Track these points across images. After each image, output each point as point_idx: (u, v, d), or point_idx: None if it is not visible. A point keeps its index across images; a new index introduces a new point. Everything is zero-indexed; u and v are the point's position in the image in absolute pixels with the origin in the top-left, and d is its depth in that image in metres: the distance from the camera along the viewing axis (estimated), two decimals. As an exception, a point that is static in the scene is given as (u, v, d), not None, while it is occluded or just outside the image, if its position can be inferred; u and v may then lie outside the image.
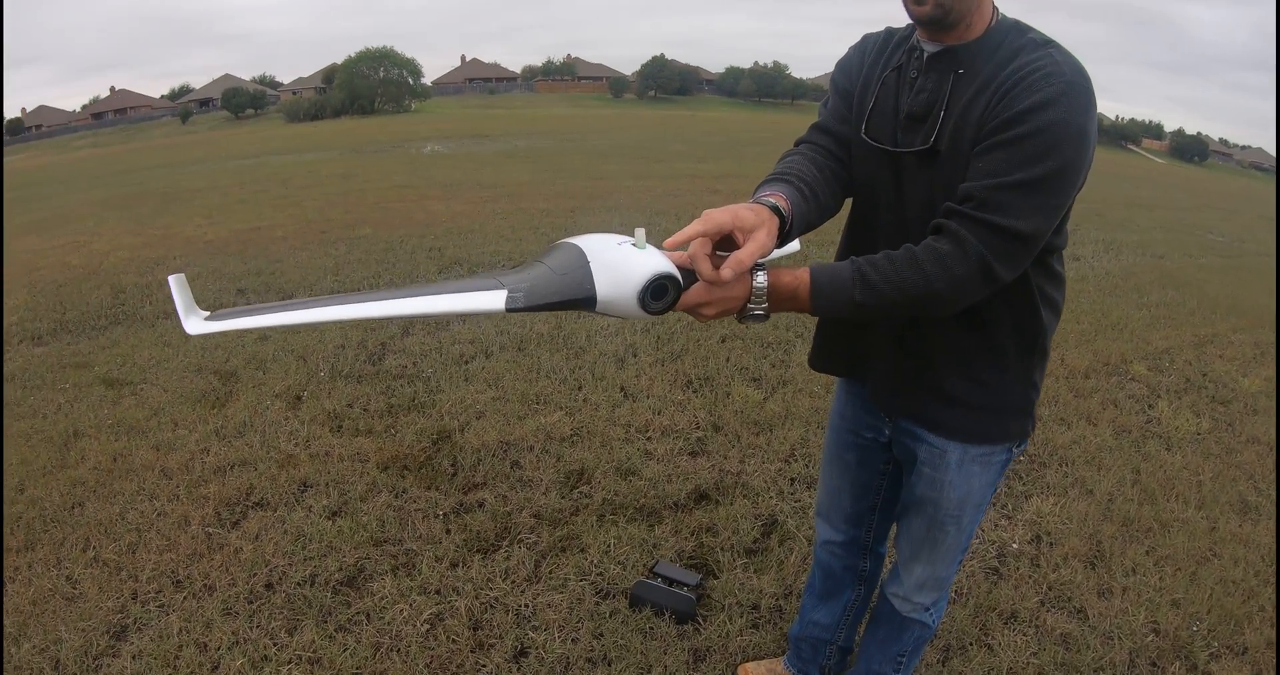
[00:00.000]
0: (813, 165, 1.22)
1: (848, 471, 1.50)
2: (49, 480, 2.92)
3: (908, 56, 1.16)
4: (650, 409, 3.17)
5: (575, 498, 2.55)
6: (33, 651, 1.98)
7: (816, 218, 1.19)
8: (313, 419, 3.30)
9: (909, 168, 1.15)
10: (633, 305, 0.84)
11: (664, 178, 11.41)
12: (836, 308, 1.04)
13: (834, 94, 1.29)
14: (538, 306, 0.87)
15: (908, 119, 1.14)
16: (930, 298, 1.02)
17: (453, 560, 2.24)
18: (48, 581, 2.25)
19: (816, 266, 1.05)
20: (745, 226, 1.00)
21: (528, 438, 2.95)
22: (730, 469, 2.73)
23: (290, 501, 2.63)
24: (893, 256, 1.03)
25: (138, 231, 8.94)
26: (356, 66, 51.54)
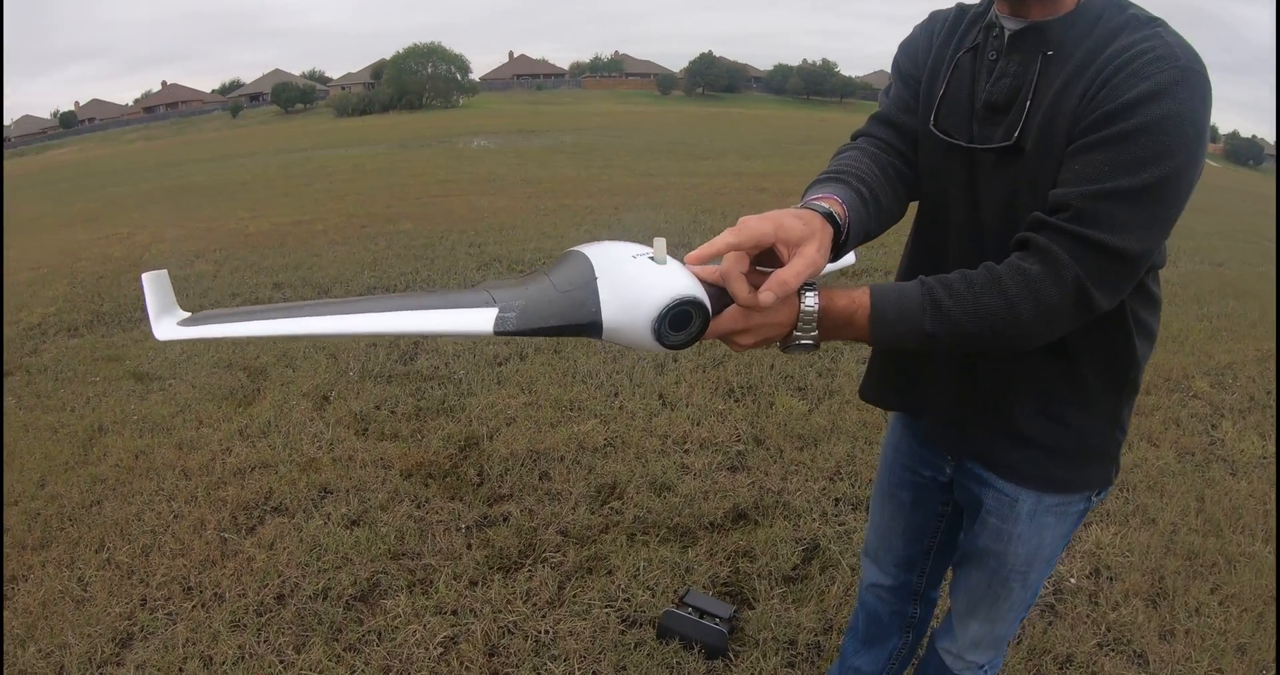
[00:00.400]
0: (873, 162, 1.08)
1: (901, 511, 1.37)
2: (70, 476, 2.96)
3: (985, 35, 1.01)
4: (689, 419, 3.09)
5: (605, 514, 2.48)
6: (38, 655, 1.98)
7: (877, 225, 1.04)
8: (338, 421, 3.30)
9: (986, 167, 1.01)
10: (646, 336, 0.71)
11: (710, 175, 11.32)
12: (901, 338, 0.89)
13: (897, 80, 1.14)
14: (532, 330, 0.74)
15: (986, 109, 1.00)
16: (1014, 330, 0.88)
17: (472, 578, 2.19)
18: (59, 583, 2.26)
19: (878, 288, 0.89)
20: (791, 238, 0.84)
21: (559, 447, 2.89)
22: (771, 487, 2.63)
23: (309, 508, 2.61)
24: (970, 277, 0.88)
25: (181, 224, 9.19)
26: (405, 62, 53.32)
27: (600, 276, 0.76)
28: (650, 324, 0.71)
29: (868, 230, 1.01)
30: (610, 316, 0.72)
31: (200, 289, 5.77)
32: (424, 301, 0.79)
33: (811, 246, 0.84)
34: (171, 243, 7.85)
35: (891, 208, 1.08)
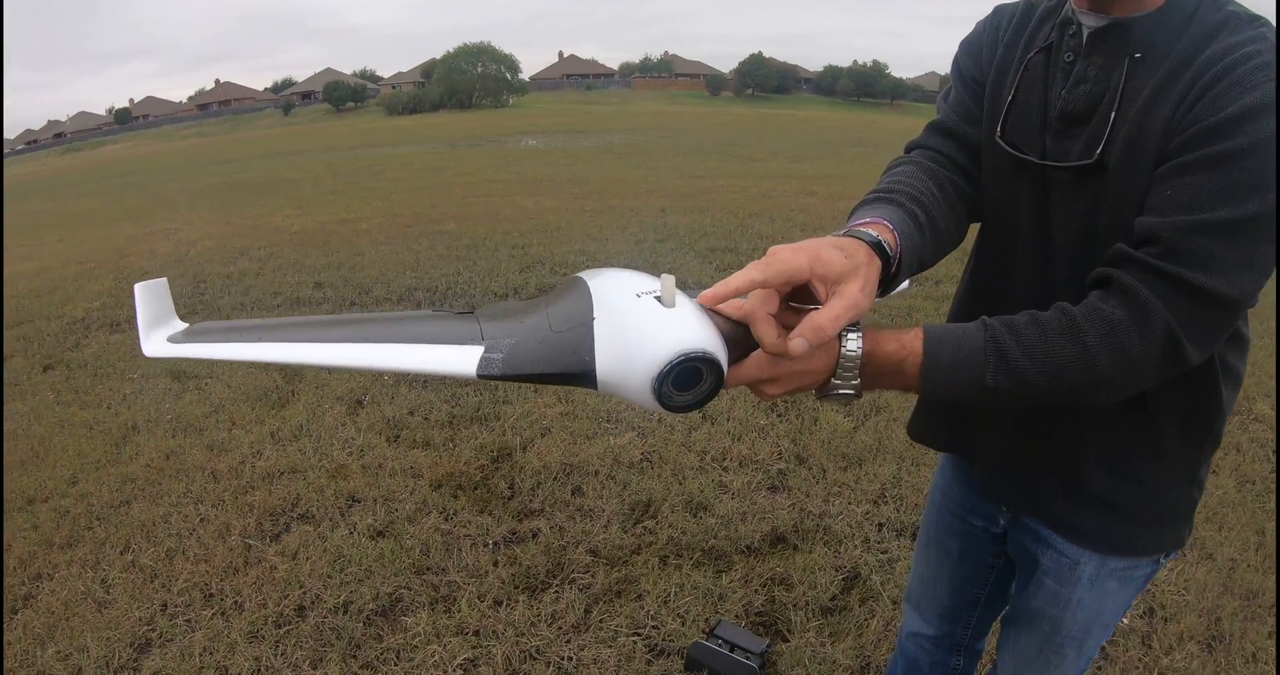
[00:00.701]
0: (930, 179, 0.97)
1: (948, 561, 1.28)
2: (101, 475, 3.03)
3: (1060, 34, 0.90)
4: (729, 434, 3.03)
5: (638, 533, 2.43)
6: (56, 657, 2.02)
7: (933, 252, 0.93)
8: (370, 426, 3.32)
9: (1062, 188, 0.90)
10: (645, 394, 0.61)
11: (760, 177, 11.24)
12: (957, 389, 0.78)
13: (957, 83, 1.04)
14: (517, 376, 0.67)
15: (1062, 120, 0.89)
16: (1091, 385, 0.77)
17: (496, 598, 2.16)
18: (82, 584, 2.30)
19: (933, 330, 0.78)
20: (829, 275, 0.72)
21: (593, 461, 2.85)
22: (812, 509, 2.56)
23: (335, 517, 2.62)
24: (1042, 322, 0.77)
25: (228, 221, 9.44)
26: (455, 61, 55.09)
27: (598, 317, 0.68)
28: (650, 382, 0.61)
29: (922, 259, 0.91)
30: (606, 368, 0.63)
31: (243, 286, 5.91)
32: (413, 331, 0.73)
33: (854, 285, 0.73)
34: (217, 239, 8.06)
35: (950, 232, 0.97)
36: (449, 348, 0.69)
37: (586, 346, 0.63)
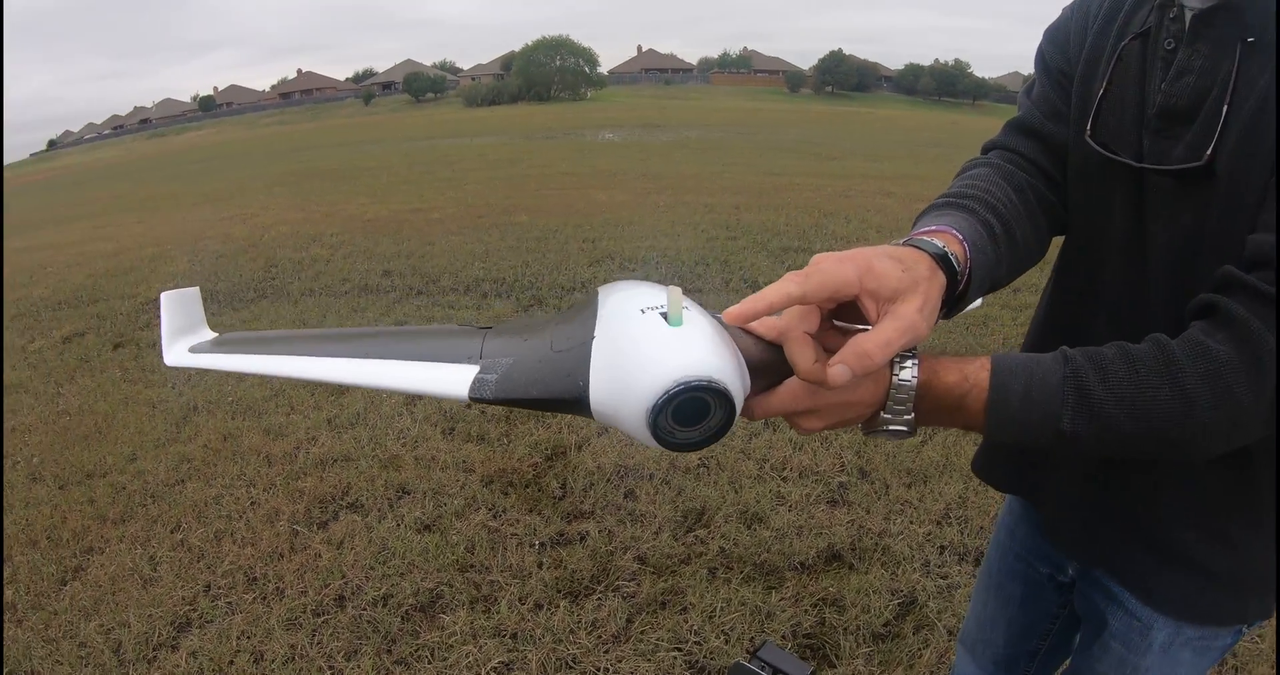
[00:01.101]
0: (1008, 184, 0.88)
1: (1008, 606, 1.19)
2: (160, 453, 3.15)
3: (1159, 17, 0.79)
4: (791, 443, 2.96)
5: (688, 543, 2.39)
6: (98, 630, 2.11)
7: (1008, 268, 0.83)
8: (426, 418, 3.37)
9: (1161, 194, 0.79)
10: (641, 428, 0.52)
11: (836, 177, 11.07)
12: (1029, 432, 0.68)
13: (1042, 76, 0.93)
14: (510, 400, 0.61)
15: (1162, 117, 0.78)
16: (1188, 435, 0.66)
17: (538, 601, 2.15)
18: (130, 560, 2.40)
19: (1003, 361, 0.69)
20: (883, 291, 0.63)
21: (648, 464, 2.82)
22: (871, 527, 2.47)
23: (384, 508, 2.66)
24: (1134, 356, 0.67)
25: (303, 207, 9.79)
26: (534, 54, 56.88)
27: (598, 336, 0.60)
28: (645, 414, 0.52)
29: (995, 277, 0.81)
30: (600, 395, 0.55)
31: (313, 272, 6.10)
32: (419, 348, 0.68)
33: (911, 304, 0.64)
34: (291, 225, 8.36)
35: (1029, 246, 0.87)
36: (446, 367, 0.65)
37: (582, 370, 0.56)
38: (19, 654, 2.07)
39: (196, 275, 6.33)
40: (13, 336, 5.21)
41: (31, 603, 2.27)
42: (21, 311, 5.83)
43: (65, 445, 3.32)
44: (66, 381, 4.17)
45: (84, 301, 5.92)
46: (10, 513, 2.79)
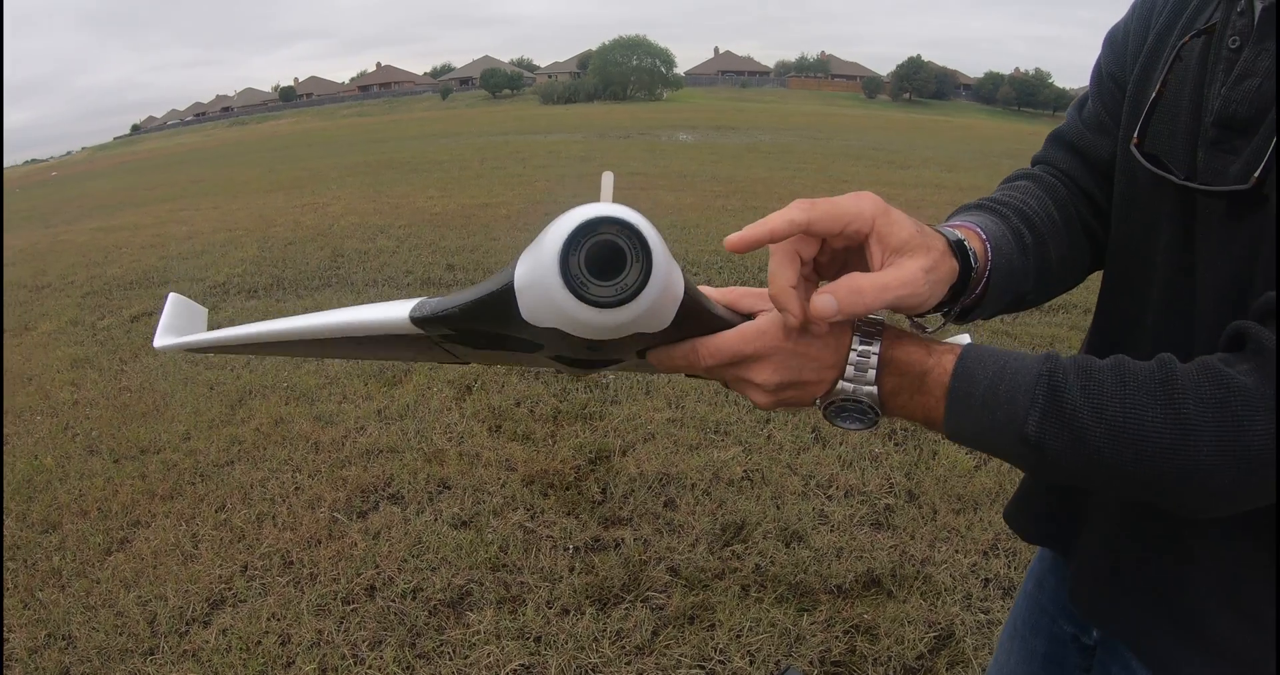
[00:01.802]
0: (1049, 198, 0.82)
1: (1030, 660, 1.09)
2: (212, 434, 3.28)
3: (1227, 11, 0.70)
4: (839, 460, 2.92)
5: (724, 557, 2.38)
6: (135, 601, 2.22)
7: (1036, 284, 0.77)
8: (474, 414, 3.43)
9: (1213, 217, 0.69)
10: (559, 288, 0.48)
11: (908, 186, 10.89)
12: (991, 432, 0.60)
13: (1093, 84, 0.85)
14: (445, 312, 0.59)
15: (1220, 127, 0.68)
16: (1183, 471, 0.55)
17: (565, 606, 2.17)
18: (174, 536, 2.51)
19: (974, 347, 0.62)
20: (892, 238, 0.59)
21: (692, 473, 2.82)
22: (915, 553, 2.43)
23: (423, 501, 2.72)
24: (1128, 370, 0.59)
25: (373, 198, 10.07)
26: (611, 53, 58.15)
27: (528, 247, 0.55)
28: (557, 262, 0.47)
29: (1020, 290, 0.75)
30: (522, 273, 0.51)
31: (378, 263, 6.27)
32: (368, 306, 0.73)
33: (918, 261, 0.59)
34: (360, 216, 8.60)
35: (1064, 266, 0.81)
36: (392, 304, 0.65)
37: (512, 266, 0.53)
38: (59, 618, 2.19)
39: (264, 261, 6.57)
40: (84, 313, 5.50)
41: (76, 570, 2.39)
42: (95, 289, 6.14)
43: (124, 421, 3.48)
44: (131, 359, 4.38)
45: (154, 282, 6.20)
46: (65, 482, 2.95)
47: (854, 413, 0.63)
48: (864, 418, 0.63)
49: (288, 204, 10.13)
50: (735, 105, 45.68)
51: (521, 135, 21.70)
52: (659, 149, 16.72)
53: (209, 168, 20.14)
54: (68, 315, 5.47)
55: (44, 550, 2.53)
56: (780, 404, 0.64)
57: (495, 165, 13.48)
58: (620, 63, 56.77)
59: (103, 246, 8.24)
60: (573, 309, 0.49)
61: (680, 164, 13.24)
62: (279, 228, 8.20)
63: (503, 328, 0.57)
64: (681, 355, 0.62)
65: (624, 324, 0.50)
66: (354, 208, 9.29)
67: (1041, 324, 4.53)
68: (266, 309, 5.26)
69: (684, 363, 0.63)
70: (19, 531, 2.65)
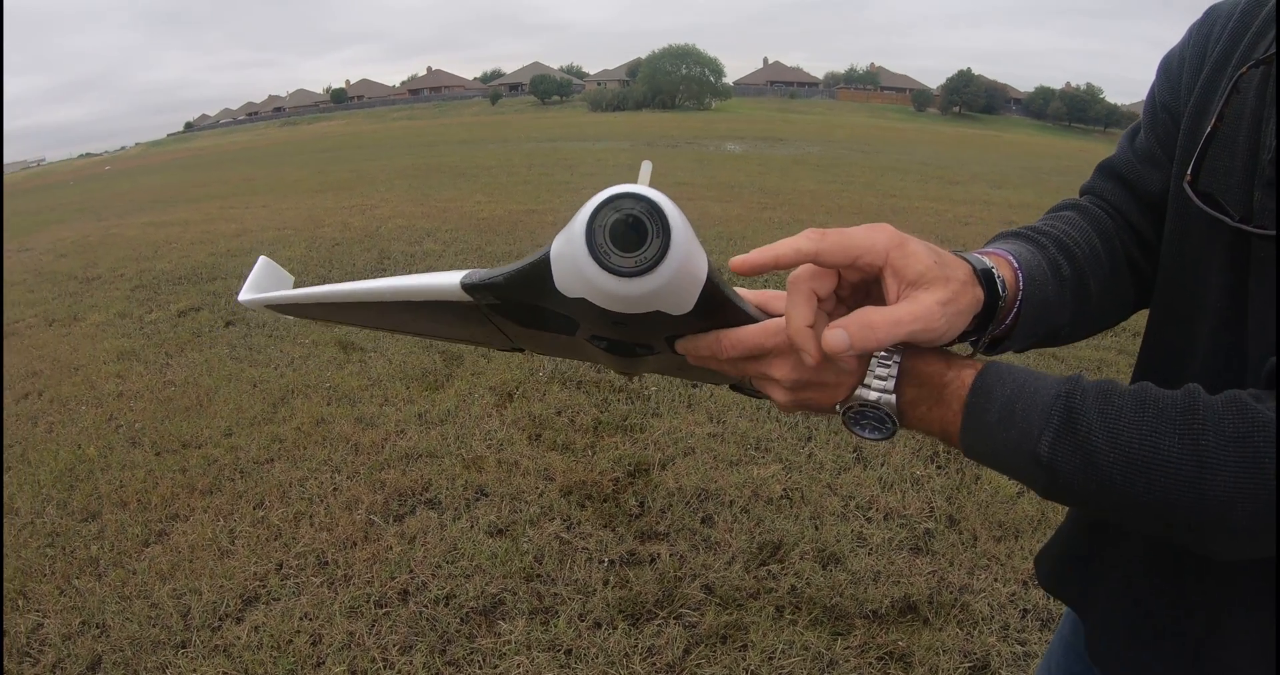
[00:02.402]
0: (1094, 230, 0.79)
1: None
2: (254, 431, 3.35)
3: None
4: (880, 481, 2.89)
5: (760, 576, 2.36)
6: (170, 594, 2.27)
7: (1073, 317, 0.75)
8: (515, 421, 3.45)
9: (1265, 263, 0.65)
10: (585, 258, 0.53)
11: (957, 201, 10.75)
12: (1004, 451, 0.59)
13: (1147, 114, 0.82)
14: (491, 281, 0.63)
15: (1276, 166, 0.64)
16: (1198, 504, 0.54)
17: (597, 619, 2.17)
18: (211, 531, 2.56)
19: (995, 365, 0.62)
20: (908, 271, 0.58)
21: (730, 490, 2.81)
22: (953, 580, 2.38)
23: (460, 507, 2.74)
24: (1150, 397, 0.57)
25: (420, 201, 10.22)
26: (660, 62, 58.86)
27: None
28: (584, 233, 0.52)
29: (1055, 323, 0.73)
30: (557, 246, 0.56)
31: (423, 267, 6.36)
32: None
33: (934, 294, 0.58)
34: (407, 218, 8.74)
35: (1107, 301, 0.78)
36: (445, 273, 0.69)
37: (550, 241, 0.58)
38: (94, 606, 2.25)
39: (312, 260, 6.69)
40: (132, 306, 5.65)
41: (113, 560, 2.46)
42: (143, 283, 6.31)
43: (167, 414, 3.57)
44: (177, 353, 4.49)
45: (203, 278, 6.35)
46: (106, 472, 3.03)
47: (872, 421, 0.63)
48: (882, 427, 0.63)
49: (336, 205, 10.32)
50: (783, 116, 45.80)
51: (569, 142, 21.90)
52: (706, 159, 16.76)
53: (260, 167, 20.62)
54: (116, 308, 5.63)
55: (82, 539, 2.60)
56: (800, 405, 0.64)
57: (542, 171, 13.61)
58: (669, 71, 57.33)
59: (153, 241, 8.47)
60: (596, 276, 0.52)
61: (728, 174, 13.25)
62: (327, 228, 8.36)
63: (540, 298, 0.60)
64: (706, 345, 0.63)
65: (643, 296, 0.53)
66: (401, 210, 9.43)
67: (1089, 347, 4.43)
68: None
69: (708, 352, 0.63)
70: (59, 519, 2.73)
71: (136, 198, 15.34)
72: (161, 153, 51.54)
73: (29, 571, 2.46)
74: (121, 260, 7.48)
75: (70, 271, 7.18)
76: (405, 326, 0.96)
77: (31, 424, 3.65)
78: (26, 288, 6.81)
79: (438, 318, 0.81)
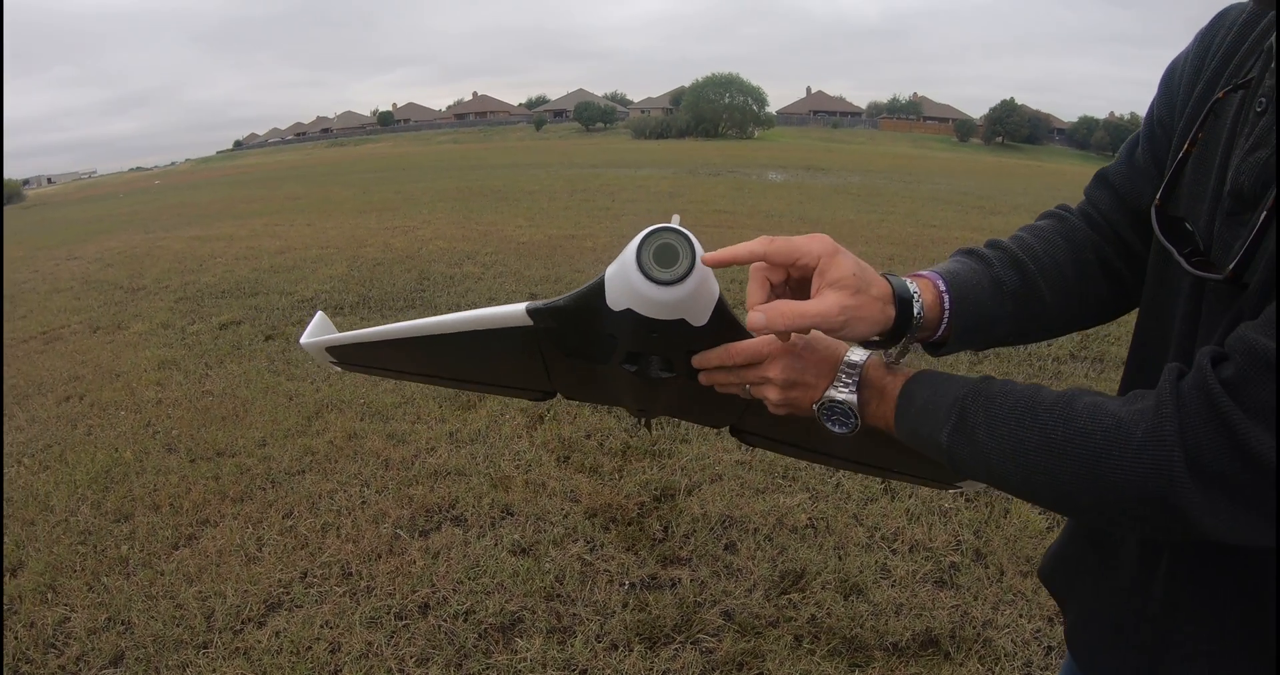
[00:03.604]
0: (1064, 242, 0.86)
1: None
2: (287, 443, 3.43)
3: (1263, 67, 0.67)
4: (907, 513, 2.87)
5: (780, 605, 2.37)
6: (195, 596, 2.34)
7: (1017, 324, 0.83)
8: (544, 443, 3.49)
9: (1215, 298, 0.67)
10: (634, 272, 0.71)
11: (997, 232, 10.23)
12: (925, 441, 0.72)
13: (1146, 128, 0.84)
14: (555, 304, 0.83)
15: (1233, 199, 0.65)
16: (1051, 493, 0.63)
17: (614, 641, 2.19)
18: (239, 537, 2.63)
19: (928, 372, 0.75)
20: (828, 275, 0.72)
21: (755, 518, 2.82)
22: (977, 614, 2.36)
23: (485, 526, 2.78)
24: (1039, 399, 0.64)
25: (463, 224, 10.39)
26: (703, 90, 59.39)
27: None
28: (635, 257, 0.72)
29: (993, 333, 0.83)
30: (611, 271, 0.76)
31: (462, 289, 6.46)
32: None
33: (839, 297, 0.71)
34: (448, 241, 8.89)
35: (1069, 307, 0.85)
36: (509, 306, 0.86)
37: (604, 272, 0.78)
38: (121, 603, 2.33)
39: (353, 280, 6.84)
40: (175, 317, 5.82)
41: (142, 560, 2.54)
42: (187, 295, 6.50)
43: (203, 423, 3.67)
44: (216, 365, 4.62)
45: (245, 293, 6.52)
46: (141, 476, 3.13)
47: (840, 416, 0.77)
48: (847, 422, 0.77)
49: (379, 225, 10.54)
50: (825, 145, 45.89)
51: (612, 168, 22.12)
52: (747, 187, 16.84)
53: (306, 186, 21.11)
54: (159, 318, 5.81)
55: (114, 538, 2.69)
56: (788, 403, 0.79)
57: (584, 197, 13.76)
58: (713, 100, 57.75)
59: (198, 255, 8.72)
60: (641, 285, 0.72)
61: (768, 203, 13.30)
62: (369, 248, 8.54)
63: (592, 317, 0.79)
64: (717, 355, 0.80)
65: (676, 302, 0.72)
66: (443, 233, 9.60)
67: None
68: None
69: (718, 361, 0.80)
70: (92, 518, 2.83)
71: (184, 212, 15.80)
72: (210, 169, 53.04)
73: (60, 567, 2.55)
74: (167, 272, 7.71)
75: (116, 281, 7.41)
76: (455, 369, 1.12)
77: (71, 426, 3.78)
78: (73, 295, 7.05)
79: (493, 350, 0.96)
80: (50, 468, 3.31)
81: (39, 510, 2.96)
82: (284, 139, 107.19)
